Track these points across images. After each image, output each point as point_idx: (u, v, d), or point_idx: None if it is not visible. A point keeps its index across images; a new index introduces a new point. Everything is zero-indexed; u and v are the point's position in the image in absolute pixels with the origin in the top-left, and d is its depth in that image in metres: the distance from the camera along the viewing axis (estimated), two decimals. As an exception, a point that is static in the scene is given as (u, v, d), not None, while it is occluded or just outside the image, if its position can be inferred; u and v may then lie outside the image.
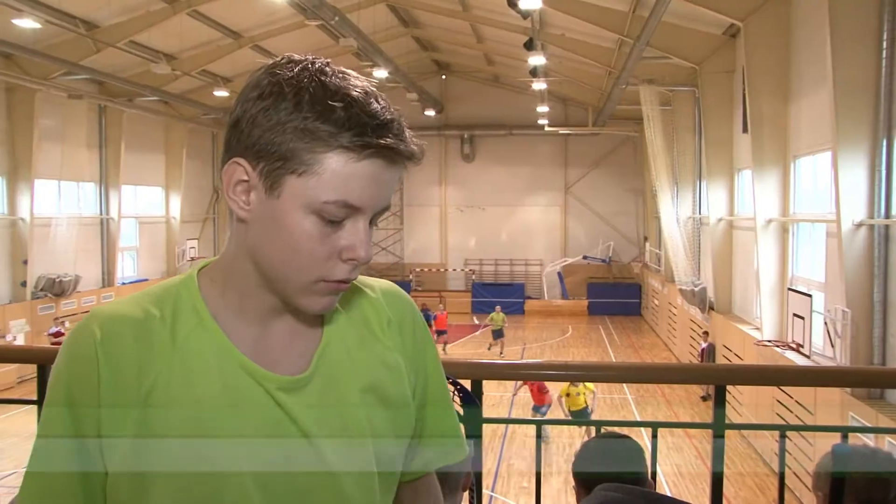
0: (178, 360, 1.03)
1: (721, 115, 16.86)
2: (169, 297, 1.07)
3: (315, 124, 0.97)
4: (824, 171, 12.18)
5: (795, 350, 12.20)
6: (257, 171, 1.01)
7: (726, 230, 17.21)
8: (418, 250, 33.33)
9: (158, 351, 1.03)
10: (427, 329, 1.28)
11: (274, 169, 0.99)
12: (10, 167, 18.71)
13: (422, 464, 1.26)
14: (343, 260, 1.02)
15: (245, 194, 1.02)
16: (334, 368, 1.11)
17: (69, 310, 20.18)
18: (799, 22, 13.00)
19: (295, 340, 1.11)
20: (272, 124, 0.98)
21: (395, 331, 1.20)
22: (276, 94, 0.99)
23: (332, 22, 15.66)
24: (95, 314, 1.05)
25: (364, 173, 1.00)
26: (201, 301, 1.07)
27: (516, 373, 2.27)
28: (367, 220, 1.03)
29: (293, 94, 0.98)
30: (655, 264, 26.88)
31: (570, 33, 19.54)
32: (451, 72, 32.18)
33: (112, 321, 1.03)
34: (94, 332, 1.02)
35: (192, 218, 28.22)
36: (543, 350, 23.42)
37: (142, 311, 1.05)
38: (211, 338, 1.06)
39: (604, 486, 1.95)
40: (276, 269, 1.03)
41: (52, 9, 16.45)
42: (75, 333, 1.05)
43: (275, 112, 0.98)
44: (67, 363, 1.04)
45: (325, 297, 1.05)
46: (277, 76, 1.00)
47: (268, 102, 0.99)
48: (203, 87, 23.76)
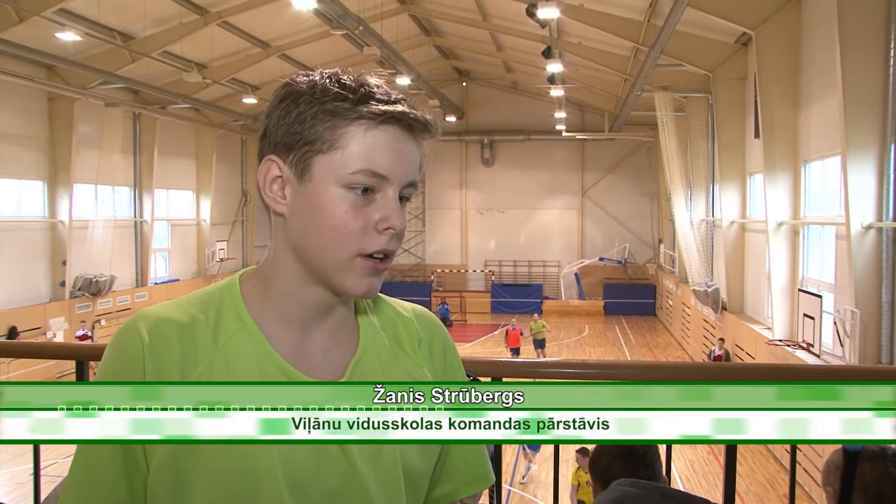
0: (220, 361, 1.05)
1: (733, 120, 16.79)
2: (213, 301, 1.10)
3: (333, 104, 1.03)
4: (833, 175, 12.12)
5: (806, 349, 12.19)
6: (287, 162, 1.06)
7: (739, 232, 17.15)
8: (439, 252, 33.44)
9: (201, 353, 1.05)
10: (457, 354, 1.28)
11: (302, 155, 1.04)
12: (50, 172, 19.11)
13: (446, 492, 1.23)
14: (379, 231, 1.04)
15: (281, 189, 1.07)
16: (367, 378, 1.13)
17: (105, 309, 20.53)
18: (809, 30, 12.96)
19: (332, 348, 1.13)
20: (294, 117, 1.04)
21: (425, 350, 1.22)
22: (295, 92, 1.06)
23: (356, 31, 15.81)
24: (142, 316, 1.07)
25: (384, 141, 1.04)
26: (243, 306, 1.10)
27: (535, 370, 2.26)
28: (396, 190, 1.06)
29: (309, 88, 1.05)
30: (669, 266, 26.83)
31: (587, 42, 19.61)
32: (472, 79, 32.27)
33: (158, 324, 1.05)
34: (142, 333, 1.04)
35: (222, 220, 28.39)
36: (561, 349, 23.47)
37: (187, 314, 1.07)
38: (252, 341, 1.07)
39: (620, 482, 1.95)
40: (317, 252, 1.06)
41: (92, 22, 16.91)
42: (123, 334, 1.06)
43: (294, 106, 1.05)
44: (115, 363, 1.04)
45: (367, 278, 1.06)
46: (295, 83, 1.07)
47: (288, 102, 1.05)
48: (232, 94, 23.98)
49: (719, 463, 12.57)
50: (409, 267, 33.30)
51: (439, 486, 1.22)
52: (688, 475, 12.16)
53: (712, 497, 2.34)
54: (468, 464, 1.24)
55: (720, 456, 12.71)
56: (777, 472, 12.39)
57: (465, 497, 1.25)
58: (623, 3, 16.34)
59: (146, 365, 1.02)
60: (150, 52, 18.38)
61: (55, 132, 19.06)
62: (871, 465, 1.98)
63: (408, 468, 1.12)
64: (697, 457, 13.06)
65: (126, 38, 18.46)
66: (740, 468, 12.26)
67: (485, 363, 2.36)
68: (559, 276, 32.19)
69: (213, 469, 1.01)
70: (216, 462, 1.01)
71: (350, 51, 21.39)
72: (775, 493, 11.55)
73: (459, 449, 1.22)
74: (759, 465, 12.83)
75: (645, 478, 2.07)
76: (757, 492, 11.67)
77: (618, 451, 2.25)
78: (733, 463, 2.17)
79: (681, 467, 12.33)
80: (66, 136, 19.00)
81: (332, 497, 1.05)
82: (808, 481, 10.58)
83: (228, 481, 1.01)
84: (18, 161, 18.30)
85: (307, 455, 1.04)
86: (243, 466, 1.01)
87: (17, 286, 18.28)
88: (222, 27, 18.95)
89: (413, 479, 1.13)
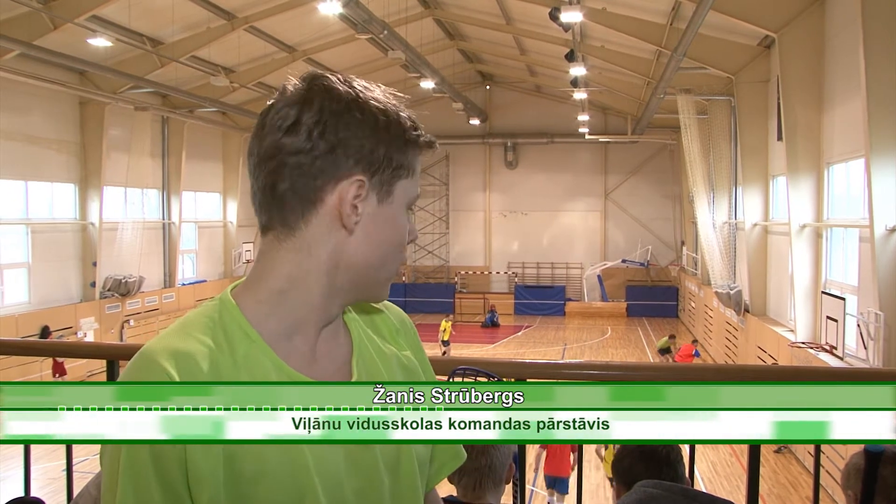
0: (245, 378, 1.04)
1: (756, 123, 16.74)
2: (214, 325, 1.07)
3: (412, 133, 1.09)
4: (857, 177, 12.08)
5: (829, 352, 12.11)
6: (371, 182, 1.07)
7: (761, 235, 17.09)
8: (463, 254, 33.48)
9: (227, 378, 1.03)
10: (418, 337, 1.33)
11: (390, 178, 1.08)
12: (81, 175, 19.51)
13: (433, 471, 1.27)
14: (407, 244, 1.14)
15: (358, 207, 1.07)
16: (371, 371, 1.17)
17: (133, 309, 20.91)
18: (832, 33, 12.92)
19: (333, 349, 1.15)
20: (388, 137, 1.07)
21: (401, 339, 1.28)
22: (365, 111, 1.06)
23: (381, 35, 15.90)
24: (157, 351, 1.02)
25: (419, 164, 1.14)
26: (247, 323, 1.07)
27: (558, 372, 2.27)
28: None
29: (381, 112, 1.07)
30: (692, 268, 26.73)
31: (610, 45, 19.61)
32: (495, 82, 32.30)
33: (183, 359, 1.01)
34: (168, 370, 1.00)
35: (248, 222, 28.53)
36: (583, 350, 23.46)
37: (200, 343, 1.04)
38: (265, 356, 1.07)
39: (643, 483, 1.94)
40: (379, 268, 1.10)
41: (123, 28, 17.25)
42: (145, 374, 1.00)
43: (385, 128, 1.07)
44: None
45: (389, 285, 1.17)
46: (355, 97, 1.07)
47: (367, 116, 1.06)
48: (259, 98, 24.15)
49: (741, 465, 12.56)
50: (433, 269, 33.36)
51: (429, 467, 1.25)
52: (710, 477, 12.13)
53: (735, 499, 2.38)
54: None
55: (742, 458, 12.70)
56: (799, 475, 12.35)
57: (449, 473, 1.30)
58: (646, 7, 16.37)
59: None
60: (179, 56, 18.67)
61: (86, 136, 19.48)
62: (893, 467, 1.93)
63: (419, 455, 1.17)
64: (720, 458, 13.03)
65: (155, 43, 18.78)
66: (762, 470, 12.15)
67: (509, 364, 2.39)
68: (582, 278, 32.14)
69: (264, 488, 1.00)
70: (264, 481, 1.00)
71: (375, 55, 21.49)
72: (798, 496, 11.50)
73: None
74: (781, 466, 12.79)
75: (668, 479, 2.07)
76: (779, 493, 11.62)
77: (640, 452, 2.26)
78: (756, 465, 2.16)
79: (703, 469, 12.30)
80: (96, 139, 19.41)
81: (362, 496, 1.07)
82: (831, 483, 10.47)
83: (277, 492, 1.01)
84: (51, 164, 18.71)
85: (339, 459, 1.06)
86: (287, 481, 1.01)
87: (50, 286, 18.67)
88: (249, 32, 19.18)
89: (422, 466, 1.18)
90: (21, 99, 17.33)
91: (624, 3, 16.49)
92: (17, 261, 18.05)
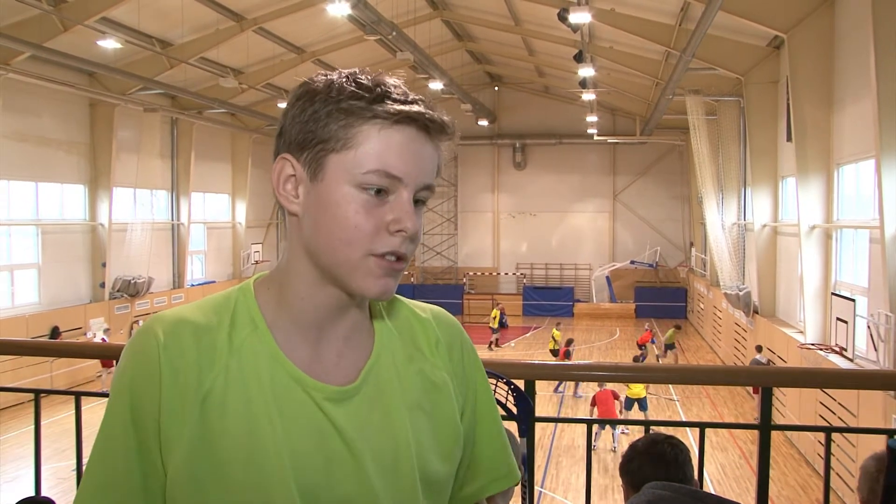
0: (235, 365, 1.03)
1: (765, 124, 16.73)
2: (228, 304, 1.08)
3: (348, 102, 1.00)
4: (867, 178, 12.07)
5: (839, 353, 12.12)
6: (301, 161, 1.03)
7: (770, 236, 17.07)
8: (472, 255, 33.64)
9: (217, 356, 1.03)
10: (477, 355, 1.25)
11: (315, 153, 1.02)
12: (91, 176, 19.60)
13: (473, 490, 1.23)
14: (391, 233, 1.01)
15: (294, 189, 1.04)
16: (382, 382, 1.11)
17: (142, 310, 20.92)
18: (842, 33, 12.90)
19: (346, 352, 1.10)
20: (308, 116, 1.02)
21: (443, 352, 1.18)
22: (311, 91, 1.03)
23: (389, 37, 15.94)
24: (159, 318, 1.05)
25: (398, 141, 1.01)
26: (257, 310, 1.08)
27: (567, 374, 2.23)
28: (410, 192, 1.02)
29: (325, 87, 1.02)
30: (701, 269, 26.79)
31: (619, 46, 19.66)
32: (504, 83, 32.43)
33: (174, 325, 1.04)
34: (158, 335, 1.02)
35: (257, 223, 28.87)
36: (592, 352, 23.46)
37: (203, 316, 1.05)
38: (264, 346, 1.05)
39: (652, 485, 1.93)
40: (329, 252, 1.03)
41: (132, 30, 17.35)
42: (139, 336, 1.05)
43: (310, 105, 1.02)
44: (131, 364, 1.03)
45: (381, 279, 1.03)
46: (312, 82, 1.05)
47: (303, 100, 1.03)
48: (267, 99, 24.35)
49: (750, 467, 12.54)
50: (442, 269, 33.52)
51: (467, 485, 1.21)
52: (719, 479, 12.10)
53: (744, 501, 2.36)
54: (495, 462, 1.23)
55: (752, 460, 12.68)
56: (809, 477, 12.32)
57: (493, 493, 1.24)
58: (654, 7, 16.38)
59: (161, 365, 1.01)
60: (188, 58, 18.76)
61: (96, 137, 19.58)
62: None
63: (427, 474, 1.10)
64: (729, 460, 13.03)
65: (164, 44, 18.87)
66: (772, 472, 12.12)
67: (518, 365, 2.37)
68: (590, 279, 32.24)
69: (228, 477, 0.99)
70: (230, 469, 0.99)
71: (383, 56, 21.68)
72: (807, 498, 11.46)
73: (485, 447, 1.21)
74: (790, 469, 12.77)
75: (676, 481, 2.05)
76: (789, 496, 11.60)
77: (649, 454, 2.26)
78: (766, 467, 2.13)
79: (712, 471, 12.27)
80: (106, 140, 19.51)
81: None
82: (840, 485, 10.52)
83: (242, 490, 0.99)
84: (61, 165, 18.81)
85: (319, 463, 1.02)
86: (255, 477, 0.99)
87: (60, 287, 18.77)
88: (258, 33, 19.26)
89: (433, 485, 1.11)
90: (31, 100, 17.43)
91: (632, 4, 16.51)
92: (27, 261, 18.15)
